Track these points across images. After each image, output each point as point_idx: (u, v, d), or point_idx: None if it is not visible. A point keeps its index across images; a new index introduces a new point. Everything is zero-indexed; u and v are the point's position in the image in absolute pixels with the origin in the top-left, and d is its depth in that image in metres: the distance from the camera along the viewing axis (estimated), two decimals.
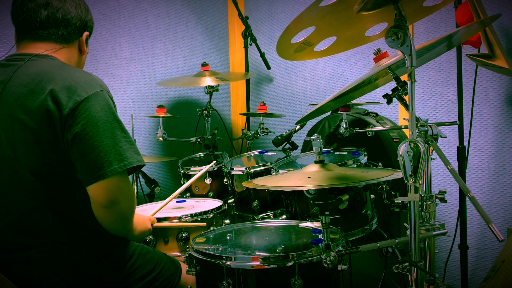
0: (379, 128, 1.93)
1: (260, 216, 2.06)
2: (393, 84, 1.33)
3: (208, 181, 2.32)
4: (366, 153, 1.90)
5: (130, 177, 2.61)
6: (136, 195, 2.45)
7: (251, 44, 2.91)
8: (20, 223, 1.27)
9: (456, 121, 2.06)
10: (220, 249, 1.45)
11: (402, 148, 1.12)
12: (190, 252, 1.46)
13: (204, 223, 1.84)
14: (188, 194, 2.40)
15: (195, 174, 2.34)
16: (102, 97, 1.28)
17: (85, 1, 1.51)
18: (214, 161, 2.16)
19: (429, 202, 1.42)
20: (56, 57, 1.38)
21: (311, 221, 1.66)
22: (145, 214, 1.57)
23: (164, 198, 2.24)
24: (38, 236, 1.27)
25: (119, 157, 1.24)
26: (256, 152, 2.46)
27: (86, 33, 1.45)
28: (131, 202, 1.34)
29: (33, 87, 1.25)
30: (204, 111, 2.75)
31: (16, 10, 1.37)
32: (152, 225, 1.56)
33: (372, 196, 1.70)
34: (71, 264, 1.30)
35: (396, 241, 1.32)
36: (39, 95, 1.24)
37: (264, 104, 2.58)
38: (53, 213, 1.28)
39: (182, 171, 2.39)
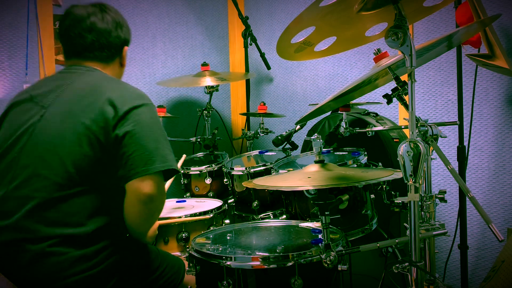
0: (379, 128, 1.93)
1: (260, 216, 2.06)
2: (393, 84, 1.33)
3: (208, 181, 2.33)
4: (366, 153, 1.90)
5: None
6: None
7: (251, 44, 2.91)
8: (43, 209, 1.31)
9: (456, 121, 2.06)
10: (220, 249, 1.45)
11: (402, 148, 1.12)
12: (190, 252, 1.46)
13: (207, 216, 1.87)
14: (188, 194, 2.41)
15: (195, 173, 2.37)
16: (151, 108, 1.44)
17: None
18: (171, 179, 2.01)
19: (429, 202, 1.42)
20: (102, 70, 1.53)
21: (311, 221, 1.66)
22: None
23: None
24: (56, 226, 1.31)
25: (162, 158, 1.36)
26: (256, 152, 2.46)
27: (126, 48, 1.61)
28: (162, 204, 1.44)
29: (92, 92, 1.40)
30: (204, 111, 2.75)
31: (63, 34, 1.52)
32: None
33: (372, 196, 1.70)
34: (80, 260, 1.32)
35: (396, 241, 1.32)
36: (98, 98, 1.37)
37: (264, 104, 2.58)
38: (74, 207, 1.33)
39: (182, 171, 2.39)
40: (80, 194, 1.34)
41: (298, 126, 2.13)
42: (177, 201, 2.16)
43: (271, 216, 2.05)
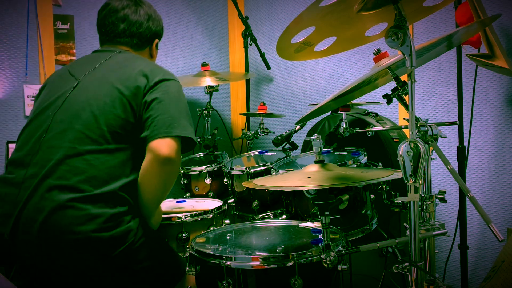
0: (379, 128, 1.93)
1: (260, 216, 2.06)
2: (393, 84, 1.33)
3: (208, 181, 2.33)
4: (366, 153, 1.90)
5: None
6: None
7: (251, 44, 2.91)
8: (73, 158, 1.40)
9: (456, 121, 2.06)
10: (220, 249, 1.45)
11: (402, 148, 1.12)
12: (190, 252, 1.46)
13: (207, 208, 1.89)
14: (188, 194, 2.41)
15: (195, 173, 2.37)
16: (179, 85, 1.59)
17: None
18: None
19: (429, 202, 1.42)
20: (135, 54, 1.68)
21: (311, 221, 1.66)
22: None
23: None
24: (81, 178, 1.38)
25: (182, 126, 1.49)
26: (256, 152, 2.46)
27: (156, 40, 1.76)
28: (178, 171, 1.54)
29: (127, 65, 1.56)
30: (204, 111, 2.75)
31: (100, 23, 1.69)
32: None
33: (372, 196, 1.69)
34: (92, 217, 1.35)
35: (396, 241, 1.32)
36: (129, 69, 1.53)
37: (264, 104, 2.58)
38: (100, 163, 1.41)
39: (182, 171, 2.39)
40: (109, 152, 1.43)
41: (298, 126, 2.13)
42: (177, 201, 2.16)
43: (271, 216, 2.05)
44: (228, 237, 1.60)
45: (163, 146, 1.43)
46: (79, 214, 1.34)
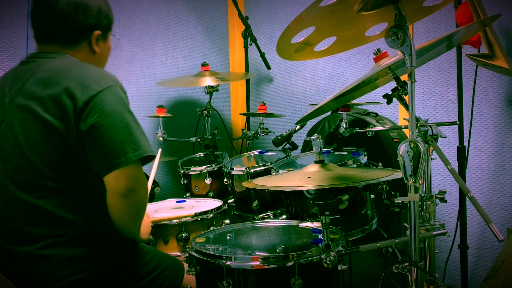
0: (379, 128, 1.93)
1: (260, 216, 2.06)
2: (393, 84, 1.33)
3: (208, 181, 2.33)
4: (366, 153, 1.90)
5: None
6: None
7: (251, 44, 2.91)
8: (25, 211, 1.28)
9: (456, 121, 2.06)
10: (220, 249, 1.45)
11: (402, 148, 1.12)
12: (190, 252, 1.46)
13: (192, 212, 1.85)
14: (188, 194, 2.41)
15: (195, 173, 2.37)
16: (115, 90, 1.33)
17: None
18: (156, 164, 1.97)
19: (429, 202, 1.42)
20: (71, 56, 1.43)
21: (311, 221, 1.65)
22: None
23: (164, 198, 2.26)
24: (41, 227, 1.28)
25: (134, 146, 1.28)
26: (256, 152, 2.46)
27: (96, 32, 1.47)
28: (145, 193, 1.38)
29: (48, 81, 1.31)
30: (204, 111, 2.75)
31: (31, 17, 1.45)
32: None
33: (372, 196, 1.69)
34: (72, 261, 1.30)
35: (396, 241, 1.32)
36: (54, 88, 1.28)
37: (264, 104, 2.58)
38: (58, 205, 1.29)
39: (182, 171, 2.39)
40: (59, 191, 1.29)
41: (298, 126, 2.13)
42: (177, 201, 2.16)
43: (271, 216, 2.05)
44: (228, 237, 1.60)
45: (118, 180, 1.28)
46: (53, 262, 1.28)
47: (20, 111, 1.31)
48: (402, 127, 1.95)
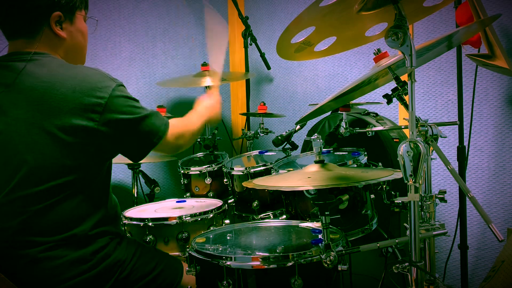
0: (379, 128, 1.93)
1: (260, 216, 2.06)
2: (393, 84, 1.33)
3: (208, 181, 2.32)
4: (366, 153, 1.90)
5: (130, 176, 2.62)
6: (136, 195, 2.45)
7: (251, 44, 2.91)
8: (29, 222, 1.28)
9: (456, 121, 2.06)
10: (220, 249, 1.45)
11: (402, 148, 1.12)
12: (190, 252, 1.46)
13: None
14: (188, 194, 2.41)
15: (195, 173, 2.36)
16: (120, 90, 1.36)
17: (90, 6, 1.49)
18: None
19: (429, 202, 1.42)
20: (50, 54, 1.36)
21: (311, 221, 1.65)
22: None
23: (164, 198, 2.26)
24: (42, 234, 1.29)
25: (159, 121, 1.45)
26: (256, 152, 2.46)
27: (56, 13, 1.33)
28: (190, 126, 1.60)
29: (53, 95, 1.26)
30: None
31: None
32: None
33: (372, 196, 1.69)
34: (72, 263, 1.31)
35: (396, 241, 1.32)
36: (64, 104, 1.26)
37: (264, 104, 2.58)
38: (59, 213, 1.30)
39: (182, 171, 2.39)
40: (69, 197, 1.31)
41: (298, 126, 2.13)
42: (177, 201, 2.16)
43: (271, 216, 2.05)
44: (228, 237, 1.60)
45: (167, 145, 1.46)
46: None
47: (22, 121, 1.27)
48: (402, 127, 1.94)
